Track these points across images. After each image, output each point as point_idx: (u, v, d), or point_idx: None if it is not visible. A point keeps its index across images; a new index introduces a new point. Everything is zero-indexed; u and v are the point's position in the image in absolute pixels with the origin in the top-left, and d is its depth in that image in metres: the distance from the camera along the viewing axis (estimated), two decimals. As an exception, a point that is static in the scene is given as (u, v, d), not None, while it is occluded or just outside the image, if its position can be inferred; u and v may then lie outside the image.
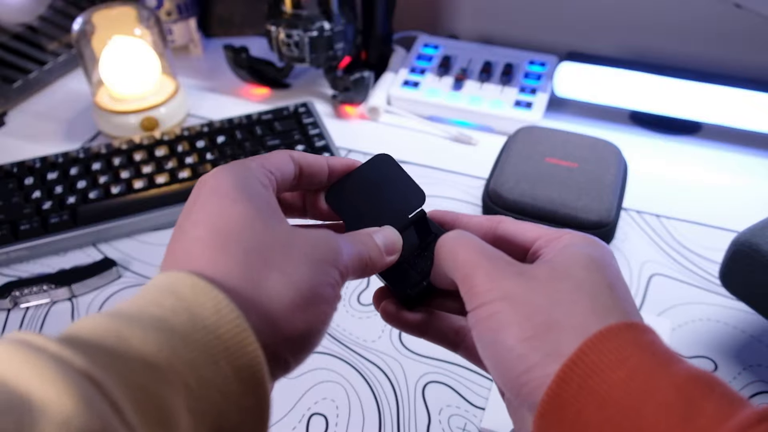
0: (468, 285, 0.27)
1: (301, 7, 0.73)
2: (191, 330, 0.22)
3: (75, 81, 0.85)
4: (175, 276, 0.24)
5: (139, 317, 0.22)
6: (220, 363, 0.22)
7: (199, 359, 0.22)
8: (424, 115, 0.78)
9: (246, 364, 0.23)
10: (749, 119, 0.70)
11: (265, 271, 0.25)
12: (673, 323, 0.53)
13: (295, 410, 0.47)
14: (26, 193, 0.62)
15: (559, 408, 0.22)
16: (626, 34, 0.81)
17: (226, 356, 0.23)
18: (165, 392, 0.21)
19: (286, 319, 0.25)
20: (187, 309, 0.23)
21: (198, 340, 0.22)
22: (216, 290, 0.23)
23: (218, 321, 0.23)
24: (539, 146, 0.59)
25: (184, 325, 0.22)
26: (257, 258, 0.25)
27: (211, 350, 0.22)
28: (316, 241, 0.27)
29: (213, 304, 0.23)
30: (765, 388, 0.48)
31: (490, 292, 0.26)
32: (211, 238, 0.25)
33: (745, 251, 0.44)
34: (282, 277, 0.25)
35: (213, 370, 0.22)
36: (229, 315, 0.23)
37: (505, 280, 0.26)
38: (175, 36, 0.88)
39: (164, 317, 0.22)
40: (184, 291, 0.23)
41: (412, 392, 0.48)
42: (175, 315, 0.23)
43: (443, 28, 0.91)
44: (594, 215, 0.53)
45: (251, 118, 0.71)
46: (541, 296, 0.25)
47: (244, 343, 0.23)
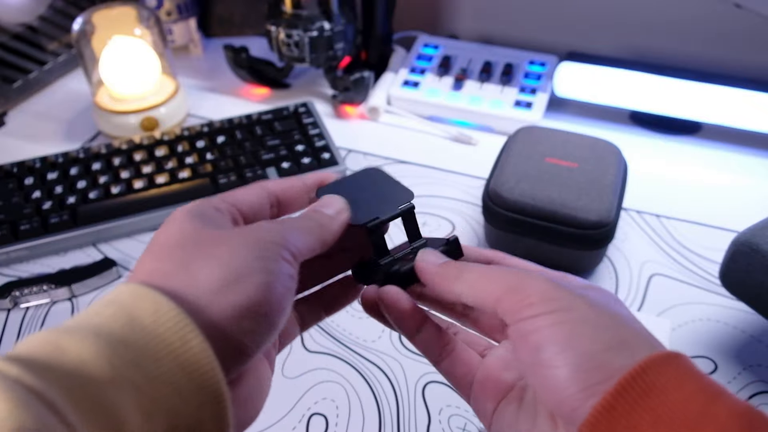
0: (516, 297, 0.26)
1: (301, 7, 0.73)
2: (130, 332, 0.23)
3: (75, 81, 0.85)
4: (117, 288, 0.25)
5: (78, 328, 0.23)
6: (164, 360, 0.22)
7: (142, 359, 0.22)
8: (424, 115, 0.78)
9: (191, 359, 0.23)
10: (749, 119, 0.70)
11: (198, 261, 0.25)
12: (673, 323, 0.53)
13: (295, 410, 0.47)
14: (26, 193, 0.62)
15: (611, 420, 0.22)
16: (626, 34, 0.81)
17: (168, 353, 0.23)
18: (108, 392, 0.21)
19: (221, 297, 0.24)
20: (126, 314, 0.23)
21: (138, 340, 0.23)
22: (154, 292, 0.24)
23: (157, 320, 0.23)
24: (539, 146, 0.59)
25: (123, 328, 0.23)
26: (191, 253, 0.26)
27: (152, 349, 0.23)
28: (252, 227, 0.27)
29: (151, 305, 0.23)
30: (765, 388, 0.48)
31: (547, 303, 0.25)
32: (156, 250, 0.26)
33: (745, 251, 0.44)
34: (211, 260, 0.25)
35: (158, 368, 0.22)
36: (168, 313, 0.23)
37: (562, 293, 0.26)
38: (175, 36, 0.88)
39: (103, 324, 0.23)
40: (123, 298, 0.24)
41: (412, 392, 0.48)
42: (114, 321, 0.23)
43: (443, 28, 0.91)
44: (594, 215, 0.53)
45: (251, 118, 0.71)
46: (604, 313, 0.25)
47: (186, 338, 0.23)
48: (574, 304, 0.25)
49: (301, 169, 0.66)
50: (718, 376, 0.49)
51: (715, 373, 0.50)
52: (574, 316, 0.25)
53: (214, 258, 0.25)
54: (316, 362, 0.50)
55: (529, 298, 0.25)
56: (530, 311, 0.25)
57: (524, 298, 0.25)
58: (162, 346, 0.23)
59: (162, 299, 0.23)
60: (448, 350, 0.31)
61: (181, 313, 0.23)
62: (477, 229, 0.63)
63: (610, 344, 0.24)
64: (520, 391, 0.29)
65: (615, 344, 0.24)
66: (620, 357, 0.23)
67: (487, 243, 0.60)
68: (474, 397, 0.30)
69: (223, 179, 0.64)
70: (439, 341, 0.31)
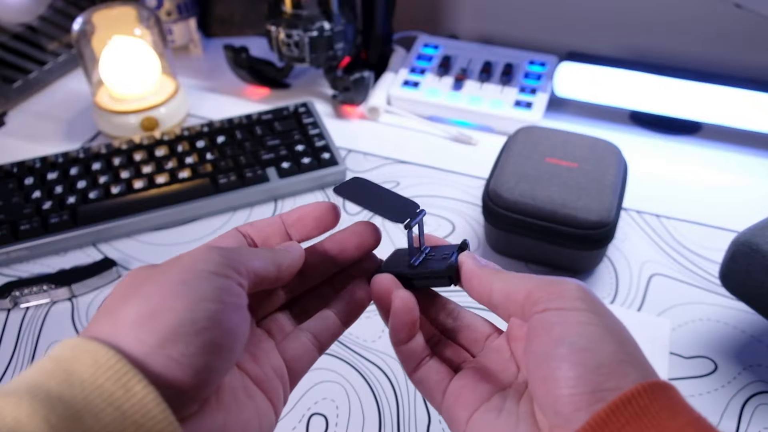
0: (556, 288, 0.27)
1: (301, 7, 0.73)
2: (68, 387, 0.22)
3: (75, 81, 0.85)
4: (61, 344, 0.24)
5: (16, 388, 0.22)
6: (107, 411, 0.21)
7: (83, 413, 0.21)
8: (424, 115, 0.78)
9: (135, 405, 0.22)
10: (749, 119, 0.70)
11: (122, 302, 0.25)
12: (673, 323, 0.53)
13: (295, 410, 0.47)
14: (26, 193, 0.62)
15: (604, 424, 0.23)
16: (626, 34, 0.81)
17: (110, 404, 0.22)
18: None
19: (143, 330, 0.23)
20: (64, 369, 0.22)
21: (76, 395, 0.21)
22: (94, 343, 0.23)
23: (96, 372, 0.22)
24: (539, 146, 0.59)
25: (61, 384, 0.22)
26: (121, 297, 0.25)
27: (93, 401, 0.21)
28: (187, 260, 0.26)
29: (91, 356, 0.22)
30: (765, 388, 0.48)
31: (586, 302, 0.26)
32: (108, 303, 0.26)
33: (745, 251, 0.44)
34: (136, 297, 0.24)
35: (99, 420, 0.21)
36: (107, 362, 0.22)
37: (597, 298, 0.27)
38: (175, 36, 0.88)
39: (40, 382, 0.22)
40: (64, 353, 0.23)
41: (412, 392, 0.48)
42: (52, 377, 0.22)
43: (443, 28, 0.91)
44: (594, 215, 0.53)
45: (251, 118, 0.71)
46: (623, 329, 0.26)
47: (128, 386, 0.22)
48: (604, 311, 0.26)
49: (301, 169, 0.66)
50: (718, 376, 0.49)
51: (715, 373, 0.50)
52: (604, 321, 0.25)
53: (139, 296, 0.24)
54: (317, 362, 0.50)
55: (565, 292, 0.26)
56: (563, 303, 0.26)
57: (560, 291, 0.26)
58: (103, 397, 0.22)
59: (99, 348, 0.22)
60: (424, 361, 0.32)
61: (120, 360, 0.22)
62: (477, 229, 0.63)
63: (626, 358, 0.24)
64: (499, 400, 0.29)
65: (630, 359, 0.24)
66: (631, 372, 0.24)
67: (487, 243, 0.60)
68: (446, 405, 0.30)
69: (223, 179, 0.64)
70: (424, 351, 0.32)
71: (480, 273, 0.30)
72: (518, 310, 0.28)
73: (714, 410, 0.47)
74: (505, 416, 0.28)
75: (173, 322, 0.24)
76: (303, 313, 0.34)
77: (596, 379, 0.23)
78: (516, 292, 0.28)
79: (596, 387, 0.23)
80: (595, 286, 0.57)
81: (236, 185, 0.64)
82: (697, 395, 0.48)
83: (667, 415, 0.22)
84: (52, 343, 0.52)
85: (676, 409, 0.23)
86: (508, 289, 0.28)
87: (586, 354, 0.24)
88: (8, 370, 0.50)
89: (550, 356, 0.25)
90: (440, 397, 0.31)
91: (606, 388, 0.23)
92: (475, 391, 0.30)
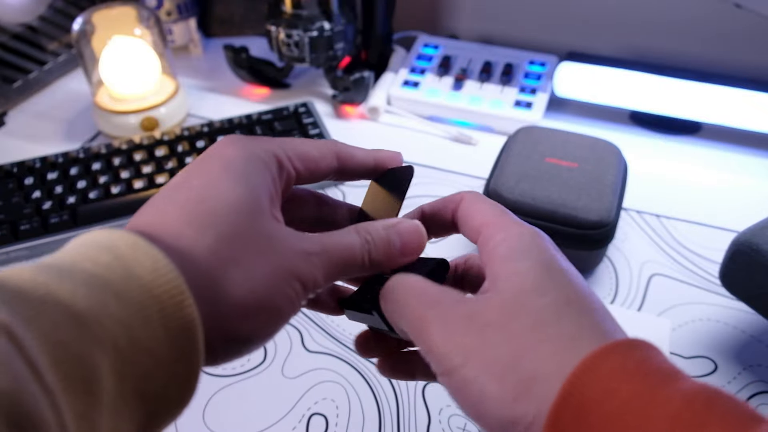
0: (425, 346, 0.25)
1: (301, 7, 0.73)
2: (125, 287, 0.21)
3: (75, 81, 0.85)
4: (117, 234, 0.22)
5: (70, 271, 0.21)
6: (154, 323, 0.21)
7: (131, 318, 0.21)
8: (424, 115, 0.78)
9: (180, 326, 0.22)
10: (749, 119, 0.70)
11: (230, 264, 0.23)
12: (673, 323, 0.53)
13: (295, 410, 0.47)
14: (26, 193, 0.62)
15: None
16: (626, 34, 0.81)
17: (160, 317, 0.21)
18: (91, 352, 0.20)
19: (233, 319, 0.23)
20: (123, 266, 0.21)
21: (132, 297, 0.21)
22: (155, 250, 0.22)
23: (155, 280, 0.21)
24: (539, 146, 0.59)
25: (118, 281, 0.21)
26: (227, 247, 0.23)
27: (145, 309, 0.21)
28: (294, 247, 0.25)
29: (151, 263, 0.22)
30: (765, 388, 0.48)
31: (450, 355, 0.23)
32: (191, 208, 0.24)
33: (745, 251, 0.44)
34: (244, 277, 0.23)
35: (145, 330, 0.21)
36: (167, 275, 0.21)
37: (460, 335, 0.24)
38: (175, 36, 0.88)
39: (98, 273, 0.21)
40: (123, 249, 0.22)
41: (412, 392, 0.48)
42: (110, 271, 0.21)
43: (443, 28, 0.91)
44: (594, 215, 0.53)
45: (251, 118, 0.71)
46: (504, 347, 0.23)
47: (181, 306, 0.21)
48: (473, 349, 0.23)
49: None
50: (718, 376, 0.49)
51: (715, 373, 0.50)
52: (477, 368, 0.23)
53: (246, 274, 0.23)
54: (316, 362, 0.50)
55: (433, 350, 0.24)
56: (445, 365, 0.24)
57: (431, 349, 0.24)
58: (156, 308, 0.21)
59: (161, 257, 0.22)
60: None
61: (179, 277, 0.22)
62: (477, 229, 0.63)
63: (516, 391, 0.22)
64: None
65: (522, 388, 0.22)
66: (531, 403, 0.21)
67: (487, 243, 0.60)
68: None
69: (223, 179, 0.64)
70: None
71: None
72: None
73: (714, 410, 0.47)
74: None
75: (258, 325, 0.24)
76: None
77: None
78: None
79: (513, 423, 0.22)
80: (595, 286, 0.57)
81: (236, 185, 0.64)
82: (697, 395, 0.48)
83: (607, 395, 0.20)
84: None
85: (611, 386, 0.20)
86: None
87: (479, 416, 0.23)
88: (8, 370, 0.50)
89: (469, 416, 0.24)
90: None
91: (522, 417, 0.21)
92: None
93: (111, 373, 0.20)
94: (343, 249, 0.27)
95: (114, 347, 0.20)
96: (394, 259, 0.28)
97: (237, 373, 0.50)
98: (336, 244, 0.26)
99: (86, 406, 0.20)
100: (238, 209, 0.24)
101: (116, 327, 0.21)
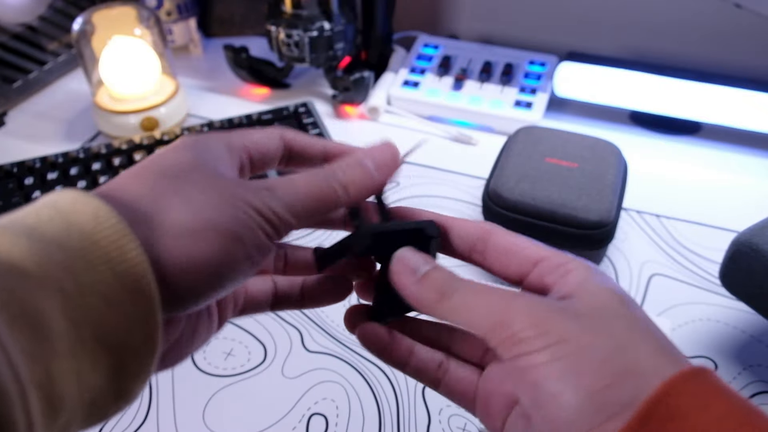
0: (506, 332, 0.23)
1: (301, 7, 0.73)
2: (65, 237, 0.21)
3: (75, 81, 0.85)
4: (58, 193, 0.23)
5: (10, 226, 0.21)
6: (99, 268, 0.21)
7: (75, 264, 0.21)
8: (424, 115, 0.78)
9: (127, 269, 0.22)
10: (749, 119, 0.70)
11: (170, 195, 0.24)
12: (673, 323, 0.53)
13: (295, 410, 0.47)
14: (26, 193, 0.62)
15: None
16: (626, 34, 0.81)
17: (105, 261, 0.21)
18: (36, 296, 0.20)
19: (182, 247, 0.23)
20: (63, 218, 0.22)
21: (73, 246, 0.21)
22: (97, 200, 0.22)
23: (96, 227, 0.22)
24: (539, 146, 0.59)
25: (59, 232, 0.21)
26: (167, 183, 0.24)
27: (87, 255, 0.21)
28: (245, 184, 0.25)
29: (91, 210, 0.22)
30: (765, 388, 0.48)
31: (541, 338, 0.22)
32: (139, 168, 0.25)
33: (745, 251, 0.44)
34: (185, 202, 0.24)
35: (91, 275, 0.21)
36: (108, 221, 0.22)
37: (555, 321, 0.23)
38: (175, 36, 0.88)
39: (38, 225, 0.22)
40: (63, 203, 0.22)
41: (412, 392, 0.48)
42: (50, 223, 0.22)
43: (443, 28, 0.91)
44: (594, 215, 0.53)
45: (251, 118, 0.71)
46: (603, 338, 0.22)
47: (125, 249, 0.22)
48: (567, 333, 0.23)
49: (301, 169, 0.66)
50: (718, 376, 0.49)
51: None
52: (570, 349, 0.22)
53: (187, 200, 0.24)
54: (316, 362, 0.50)
55: (518, 334, 0.23)
56: (522, 348, 0.23)
57: (514, 334, 0.23)
58: (99, 253, 0.21)
59: (101, 206, 0.22)
60: (442, 371, 0.29)
61: (120, 222, 0.22)
62: (477, 229, 0.63)
63: (613, 378, 0.22)
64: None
65: (618, 377, 0.22)
66: (625, 391, 0.21)
67: (487, 243, 0.60)
68: (480, 413, 0.29)
69: (223, 179, 0.64)
70: (430, 366, 0.29)
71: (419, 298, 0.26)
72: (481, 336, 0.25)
73: (714, 410, 0.47)
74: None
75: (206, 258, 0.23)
76: None
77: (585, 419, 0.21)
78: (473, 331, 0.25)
79: (589, 426, 0.21)
80: (595, 286, 0.57)
81: (236, 185, 0.64)
82: (697, 395, 0.48)
83: (699, 408, 0.20)
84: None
85: (708, 400, 0.21)
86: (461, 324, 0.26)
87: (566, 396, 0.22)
88: (8, 370, 0.50)
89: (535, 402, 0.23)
90: (472, 406, 0.29)
91: (599, 422, 0.21)
92: (502, 396, 0.27)
93: (62, 317, 0.20)
94: (305, 182, 0.26)
95: (61, 291, 0.20)
96: (372, 181, 0.28)
97: (237, 373, 0.50)
98: (293, 179, 0.26)
99: (35, 346, 0.19)
100: (185, 163, 0.25)
101: (60, 273, 0.21)
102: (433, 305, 0.26)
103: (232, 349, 0.51)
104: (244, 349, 0.51)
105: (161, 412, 0.47)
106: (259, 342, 0.52)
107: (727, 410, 0.20)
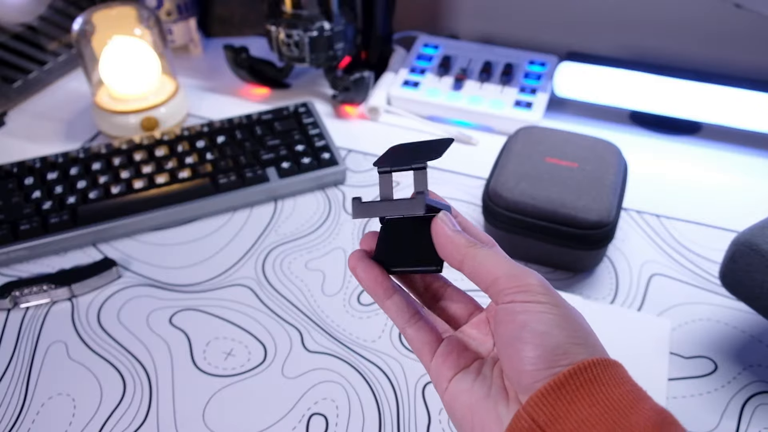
0: (518, 282, 0.30)
1: (301, 7, 0.73)
2: None
3: (75, 81, 0.85)
4: None
5: None
6: None
7: None
8: (424, 115, 0.78)
9: None
10: (749, 119, 0.70)
11: None
12: (673, 323, 0.53)
13: (295, 410, 0.47)
14: (26, 193, 0.62)
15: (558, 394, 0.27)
16: (626, 34, 0.81)
17: None
18: None
19: None
20: None
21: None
22: None
23: None
24: (539, 146, 0.59)
25: None
26: None
27: None
28: None
29: None
30: (765, 388, 0.48)
31: (546, 295, 0.29)
32: None
33: (745, 251, 0.44)
34: None
35: None
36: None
37: (555, 292, 0.30)
38: (175, 36, 0.88)
39: None
40: None
41: (412, 392, 0.48)
42: None
43: (443, 28, 0.91)
44: (594, 215, 0.53)
45: (251, 118, 0.71)
46: (575, 315, 0.30)
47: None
48: (560, 303, 0.30)
49: (301, 169, 0.66)
50: (718, 376, 0.49)
51: (715, 373, 0.50)
52: (559, 312, 0.29)
53: None
54: (316, 362, 0.50)
55: (529, 287, 0.30)
56: (526, 296, 0.29)
57: (525, 286, 0.30)
58: None
59: None
60: (415, 319, 0.35)
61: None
62: (477, 229, 0.63)
63: (579, 341, 0.29)
64: (478, 366, 0.33)
65: (580, 342, 0.29)
66: (582, 352, 0.28)
67: (487, 243, 0.60)
68: (435, 365, 0.34)
69: (223, 179, 0.64)
70: (408, 310, 0.35)
71: (452, 239, 0.32)
72: (485, 289, 0.31)
73: (714, 410, 0.47)
74: (481, 380, 0.32)
75: None
76: None
77: (553, 358, 0.28)
78: (484, 274, 0.31)
79: (553, 364, 0.28)
80: (595, 286, 0.57)
81: (236, 185, 0.64)
82: (697, 395, 0.48)
83: (614, 383, 0.28)
84: (52, 343, 0.52)
85: (622, 380, 0.28)
86: (476, 269, 0.31)
87: (544, 337, 0.28)
88: (8, 370, 0.50)
89: (515, 339, 0.29)
90: (429, 358, 0.35)
91: (561, 364, 0.28)
92: (461, 357, 0.34)
93: None
94: None
95: None
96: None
97: (237, 373, 0.50)
98: None
99: None
100: None
101: None
102: (464, 249, 0.32)
103: (232, 349, 0.51)
104: (244, 349, 0.51)
105: (161, 412, 0.47)
106: (259, 342, 0.52)
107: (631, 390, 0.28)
